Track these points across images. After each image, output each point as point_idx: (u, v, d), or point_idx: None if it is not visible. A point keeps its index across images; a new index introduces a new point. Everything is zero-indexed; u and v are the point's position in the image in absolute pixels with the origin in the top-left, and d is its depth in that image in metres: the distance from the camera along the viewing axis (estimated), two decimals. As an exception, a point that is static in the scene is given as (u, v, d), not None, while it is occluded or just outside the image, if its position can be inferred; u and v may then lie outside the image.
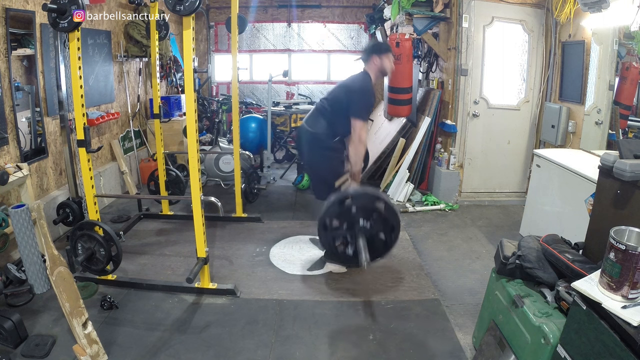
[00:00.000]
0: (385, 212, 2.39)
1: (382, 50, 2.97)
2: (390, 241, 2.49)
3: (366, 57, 2.97)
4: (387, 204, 2.40)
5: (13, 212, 2.37)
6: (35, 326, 2.39)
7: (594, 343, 1.36)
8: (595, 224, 1.89)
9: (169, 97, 5.52)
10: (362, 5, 7.07)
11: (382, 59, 2.94)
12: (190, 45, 2.40)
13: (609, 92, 3.44)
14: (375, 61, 2.94)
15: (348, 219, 2.41)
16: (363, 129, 2.83)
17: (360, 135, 2.82)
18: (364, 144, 2.88)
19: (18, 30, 3.17)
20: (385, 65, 2.97)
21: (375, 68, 2.96)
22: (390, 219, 2.41)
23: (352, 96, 2.85)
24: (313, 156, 3.03)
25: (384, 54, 2.95)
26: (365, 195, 2.41)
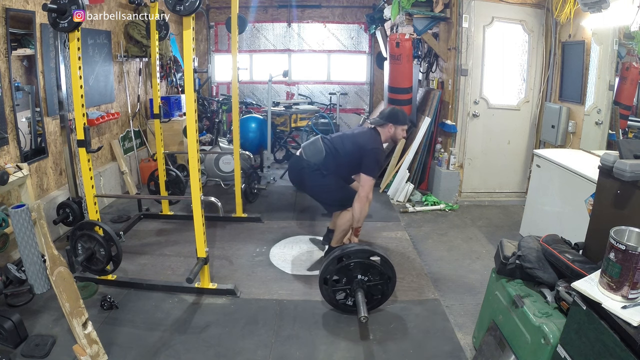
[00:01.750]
0: (381, 266, 2.51)
1: (400, 121, 3.08)
2: (387, 290, 2.59)
3: (382, 123, 3.07)
4: (382, 257, 2.52)
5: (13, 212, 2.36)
6: (35, 326, 2.39)
7: (594, 343, 1.36)
8: (595, 224, 1.89)
9: (169, 97, 5.52)
10: (362, 5, 7.07)
11: (397, 129, 3.08)
12: (190, 45, 2.40)
13: (609, 92, 3.44)
14: (390, 129, 3.08)
15: (346, 274, 2.53)
16: (371, 188, 2.98)
17: (368, 194, 2.97)
18: (369, 203, 3.10)
19: (18, 30, 3.17)
20: (397, 135, 3.12)
21: (388, 135, 3.10)
22: (386, 271, 2.52)
23: (368, 155, 2.95)
24: (313, 182, 3.08)
25: (401, 125, 3.09)
26: (361, 252, 2.52)
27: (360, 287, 2.49)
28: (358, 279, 2.51)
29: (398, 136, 3.13)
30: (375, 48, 7.04)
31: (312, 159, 3.02)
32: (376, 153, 2.99)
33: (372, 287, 2.54)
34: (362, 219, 3.05)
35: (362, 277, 2.52)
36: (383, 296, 2.60)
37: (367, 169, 2.94)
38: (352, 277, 2.52)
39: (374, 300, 2.60)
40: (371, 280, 2.53)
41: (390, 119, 3.05)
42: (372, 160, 2.95)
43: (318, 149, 3.03)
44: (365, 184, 2.94)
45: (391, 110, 3.12)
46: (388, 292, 2.60)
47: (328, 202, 3.20)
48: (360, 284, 2.50)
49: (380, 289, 2.56)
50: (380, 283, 2.54)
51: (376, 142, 3.04)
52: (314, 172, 3.02)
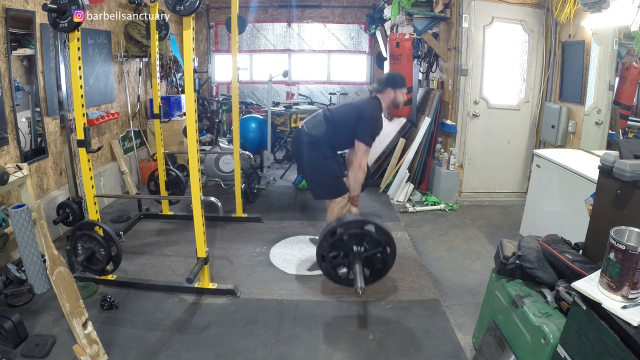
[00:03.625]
0: (377, 234, 2.47)
1: (398, 84, 3.03)
2: (387, 258, 2.55)
3: (381, 89, 3.03)
4: (376, 225, 2.47)
5: (13, 212, 2.36)
6: (35, 326, 2.39)
7: (594, 343, 1.36)
8: (595, 224, 1.89)
9: (169, 97, 5.52)
10: (362, 5, 7.08)
11: (396, 92, 3.02)
12: (190, 45, 2.40)
13: (609, 92, 3.44)
14: (389, 93, 3.02)
15: (342, 248, 2.50)
16: (365, 155, 2.93)
17: (362, 162, 2.92)
18: (364, 171, 2.98)
19: (18, 30, 3.17)
20: (398, 99, 3.05)
21: (389, 100, 3.04)
22: (382, 238, 2.48)
23: (363, 121, 2.91)
24: (310, 159, 3.05)
25: (399, 89, 3.02)
26: (353, 223, 2.48)
27: (358, 259, 2.42)
28: (355, 250, 2.44)
29: (399, 100, 3.06)
30: (375, 48, 7.04)
31: (313, 132, 2.99)
32: (373, 120, 2.93)
33: (371, 257, 2.47)
34: (358, 187, 3.00)
35: (359, 248, 2.45)
36: (385, 265, 2.53)
37: (361, 136, 2.89)
38: (348, 249, 2.46)
39: (376, 270, 2.53)
40: (368, 250, 2.46)
41: (389, 83, 3.01)
42: (368, 127, 2.90)
43: (319, 121, 3.02)
44: (358, 151, 2.88)
45: (389, 75, 3.08)
46: (389, 260, 2.52)
47: (319, 186, 3.12)
48: (358, 256, 2.43)
49: (380, 258, 2.49)
50: (379, 252, 2.47)
51: (375, 109, 2.98)
52: (316, 151, 2.98)
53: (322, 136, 2.96)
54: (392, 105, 3.09)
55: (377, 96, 3.05)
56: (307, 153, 3.03)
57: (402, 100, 3.08)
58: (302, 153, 3.08)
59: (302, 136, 3.04)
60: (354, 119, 2.94)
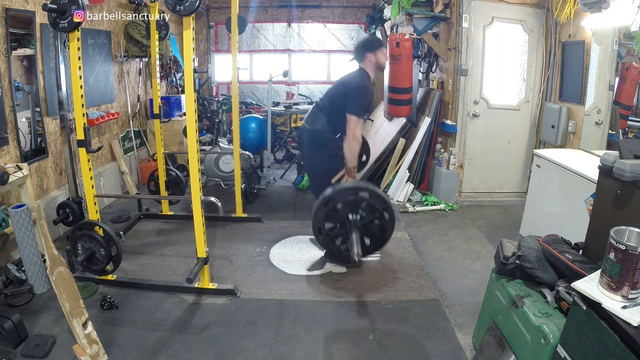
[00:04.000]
0: (372, 200, 2.34)
1: (375, 46, 2.92)
2: (385, 225, 2.43)
3: (360, 56, 2.94)
4: (371, 191, 2.35)
5: (13, 212, 2.36)
6: (35, 326, 2.39)
7: (594, 343, 1.36)
8: (595, 224, 1.89)
9: (169, 97, 5.52)
10: (362, 5, 7.07)
11: (376, 54, 2.91)
12: (190, 45, 2.40)
13: (609, 92, 3.44)
14: (370, 58, 2.91)
15: (337, 217, 2.38)
16: (358, 126, 2.79)
17: (355, 132, 2.78)
18: (358, 141, 2.83)
19: (18, 30, 3.17)
20: (380, 61, 2.93)
21: (371, 65, 2.93)
22: (378, 204, 2.35)
23: (350, 92, 2.84)
24: (314, 155, 3.03)
25: (378, 50, 2.91)
26: (346, 190, 2.36)
27: (355, 227, 2.32)
28: (350, 219, 2.35)
29: (381, 62, 2.93)
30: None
31: (314, 126, 2.97)
32: (361, 90, 2.83)
33: (369, 225, 2.37)
34: (354, 158, 2.85)
35: (354, 216, 2.35)
36: (384, 233, 2.43)
37: (351, 107, 2.79)
38: (343, 218, 2.36)
39: (378, 239, 2.44)
40: (365, 217, 2.35)
41: (365, 49, 2.91)
42: (356, 97, 2.80)
43: (315, 114, 3.00)
44: (350, 123, 2.77)
45: (362, 40, 2.97)
46: (387, 227, 2.41)
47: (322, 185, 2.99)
48: (354, 224, 2.33)
49: (378, 225, 2.39)
50: (376, 218, 2.37)
51: (362, 79, 2.88)
52: (321, 149, 2.93)
53: (324, 127, 2.91)
54: (378, 69, 2.97)
55: (360, 66, 2.95)
56: (312, 151, 3.02)
57: (385, 60, 2.96)
58: (305, 151, 3.08)
59: (305, 134, 3.03)
60: (342, 94, 2.86)
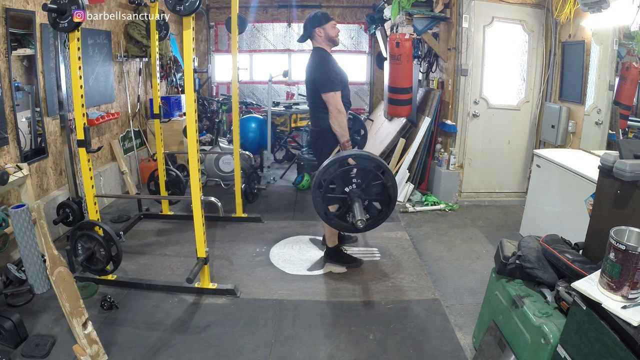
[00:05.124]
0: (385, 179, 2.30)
1: (322, 20, 2.86)
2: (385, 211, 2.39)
3: (309, 33, 2.90)
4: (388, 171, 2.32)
5: (13, 212, 2.37)
6: (35, 326, 2.39)
7: (594, 343, 1.36)
8: (595, 224, 1.89)
9: (169, 97, 5.52)
10: (362, 5, 7.07)
11: (325, 29, 2.85)
12: (190, 45, 2.40)
13: (609, 92, 3.44)
14: (319, 33, 2.86)
15: (345, 180, 2.32)
16: (336, 99, 2.75)
17: (337, 105, 2.74)
18: (343, 113, 2.78)
19: (18, 30, 3.17)
20: (331, 34, 2.87)
21: (322, 39, 2.88)
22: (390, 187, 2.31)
23: (315, 74, 2.81)
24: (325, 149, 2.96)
25: (326, 24, 2.86)
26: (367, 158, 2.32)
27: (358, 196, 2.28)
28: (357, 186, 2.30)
29: (332, 34, 2.87)
30: (375, 48, 7.03)
31: (316, 127, 2.99)
32: (322, 66, 2.79)
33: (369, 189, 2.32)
34: (345, 132, 2.78)
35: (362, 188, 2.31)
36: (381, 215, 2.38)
37: (322, 86, 2.75)
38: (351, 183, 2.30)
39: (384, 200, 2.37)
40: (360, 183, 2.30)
41: (313, 24, 2.85)
42: (321, 74, 2.76)
43: (311, 114, 3.03)
44: (328, 100, 2.74)
45: (308, 17, 2.91)
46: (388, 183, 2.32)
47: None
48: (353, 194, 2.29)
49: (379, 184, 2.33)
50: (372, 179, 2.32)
51: (320, 56, 2.84)
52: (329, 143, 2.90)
53: (322, 120, 2.88)
54: (330, 42, 2.91)
55: (314, 45, 2.92)
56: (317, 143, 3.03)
57: (335, 33, 2.89)
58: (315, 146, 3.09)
59: (312, 135, 3.07)
60: (311, 80, 2.85)
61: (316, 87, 2.82)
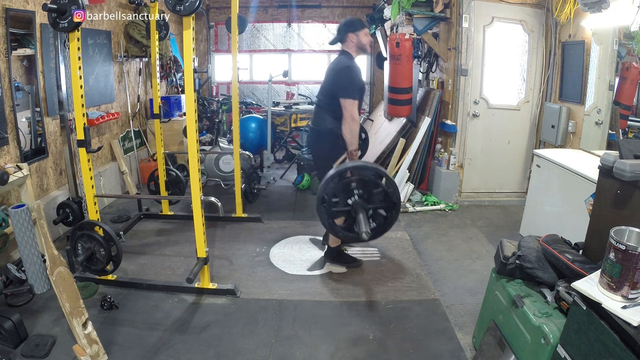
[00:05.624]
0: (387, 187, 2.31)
1: (357, 26, 2.88)
2: (390, 217, 2.37)
3: (342, 37, 2.91)
4: (388, 178, 2.33)
5: (13, 212, 2.37)
6: (35, 326, 2.39)
7: (594, 343, 1.36)
8: (595, 224, 1.89)
9: (169, 97, 5.52)
10: (362, 5, 7.07)
11: (358, 35, 2.87)
12: (190, 45, 2.40)
13: (609, 92, 3.44)
14: (352, 39, 2.88)
15: (347, 192, 2.31)
16: (354, 107, 2.77)
17: (352, 113, 2.76)
18: (357, 122, 2.81)
19: (18, 30, 3.17)
20: (362, 41, 2.89)
21: (354, 46, 2.90)
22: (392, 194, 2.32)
23: (337, 77, 2.82)
24: (321, 151, 2.99)
25: (360, 30, 2.87)
26: (366, 168, 2.33)
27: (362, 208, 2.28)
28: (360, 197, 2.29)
29: (363, 42, 2.89)
30: (375, 48, 7.03)
31: (319, 126, 2.96)
32: (347, 71, 2.80)
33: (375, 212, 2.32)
34: (355, 140, 2.81)
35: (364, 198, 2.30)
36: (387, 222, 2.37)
37: (342, 91, 2.76)
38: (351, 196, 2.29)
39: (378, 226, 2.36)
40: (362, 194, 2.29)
41: (347, 29, 2.86)
42: (344, 80, 2.78)
43: (317, 112, 3.01)
44: (345, 105, 2.74)
45: (344, 21, 2.93)
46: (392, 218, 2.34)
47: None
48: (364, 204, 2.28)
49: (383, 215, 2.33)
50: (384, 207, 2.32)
51: (346, 61, 2.85)
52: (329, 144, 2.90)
53: (332, 124, 2.86)
54: (360, 50, 2.92)
55: (343, 48, 2.93)
56: (319, 148, 3.02)
57: (367, 41, 2.92)
58: (314, 149, 3.09)
59: (312, 133, 3.05)
60: (332, 82, 2.85)
61: (335, 89, 2.82)
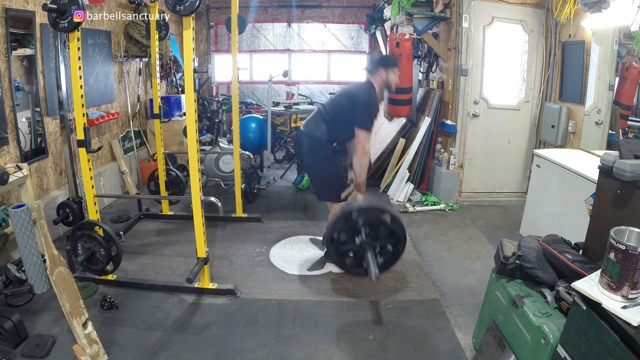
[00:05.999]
0: (392, 224, 2.39)
1: (390, 64, 2.96)
2: (397, 252, 2.47)
3: (373, 69, 2.97)
4: (393, 216, 2.39)
5: (13, 212, 2.37)
6: (35, 326, 2.39)
7: (594, 343, 1.36)
8: (595, 224, 1.89)
9: (169, 97, 5.52)
10: (362, 5, 7.08)
11: (388, 73, 2.95)
12: (190, 45, 2.40)
13: (609, 92, 3.44)
14: (381, 74, 2.95)
15: (355, 232, 2.42)
16: (367, 140, 2.84)
17: (365, 146, 2.83)
18: (368, 155, 2.89)
19: (18, 30, 3.17)
20: (390, 80, 2.97)
21: (381, 81, 2.96)
22: (397, 230, 2.41)
23: (357, 106, 2.85)
24: (313, 160, 3.03)
25: (391, 69, 2.95)
26: (371, 209, 2.41)
27: (371, 246, 2.37)
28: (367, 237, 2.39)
29: (391, 81, 2.97)
30: (375, 48, 7.04)
31: (314, 132, 2.96)
32: (368, 104, 2.86)
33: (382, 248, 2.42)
34: (364, 173, 2.88)
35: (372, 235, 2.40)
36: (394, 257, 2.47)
37: (359, 121, 2.81)
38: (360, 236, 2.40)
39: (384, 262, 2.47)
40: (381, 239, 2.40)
41: (381, 63, 2.93)
42: (363, 111, 2.83)
43: (317, 120, 2.99)
44: (360, 137, 2.80)
45: (380, 55, 2.99)
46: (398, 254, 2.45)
47: (323, 187, 3.08)
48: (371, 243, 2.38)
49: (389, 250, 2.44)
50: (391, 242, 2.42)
51: (368, 92, 2.92)
52: (319, 152, 2.94)
53: (323, 135, 2.92)
54: (385, 86, 3.00)
55: (369, 78, 2.98)
56: (310, 155, 3.01)
57: (395, 81, 2.99)
58: (304, 155, 3.06)
59: (303, 138, 3.02)
60: (348, 107, 2.88)
61: (352, 116, 2.85)
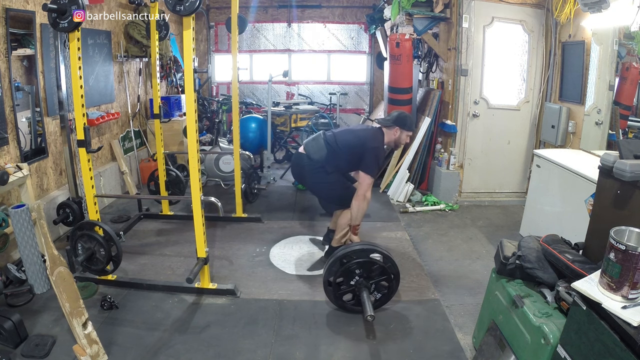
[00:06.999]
0: (383, 262, 2.50)
1: (407, 126, 3.08)
2: (392, 287, 2.58)
3: (389, 124, 3.06)
4: (384, 255, 2.51)
5: (13, 212, 2.37)
6: (35, 326, 2.39)
7: (594, 343, 1.36)
8: (595, 224, 1.89)
9: (169, 97, 5.52)
10: (362, 6, 7.07)
11: (402, 132, 3.07)
12: (190, 45, 2.40)
13: (609, 92, 3.44)
14: (395, 132, 3.07)
15: (349, 275, 2.52)
16: (370, 186, 2.97)
17: (366, 193, 2.96)
18: (368, 202, 3.01)
19: (18, 30, 3.17)
20: (401, 140, 3.11)
21: (393, 137, 3.09)
22: (389, 268, 2.52)
23: (368, 152, 2.95)
24: (315, 181, 3.10)
25: (406, 131, 3.08)
26: (362, 251, 2.51)
27: (365, 287, 2.49)
28: (361, 277, 2.51)
29: (401, 141, 3.12)
30: (375, 48, 7.04)
31: (314, 156, 3.02)
32: (377, 152, 2.99)
33: (377, 285, 2.54)
34: (361, 217, 3.04)
35: (365, 276, 2.51)
36: (389, 292, 2.60)
37: (366, 167, 2.95)
38: (354, 277, 2.52)
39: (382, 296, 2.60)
40: (374, 278, 2.52)
41: (398, 122, 3.05)
42: (372, 158, 2.96)
43: (320, 145, 3.03)
44: (363, 181, 2.94)
45: (400, 114, 3.11)
46: (393, 289, 2.59)
47: (329, 200, 3.20)
48: (365, 283, 2.50)
49: (384, 286, 2.56)
50: (384, 279, 2.54)
51: (379, 141, 3.04)
52: (317, 170, 3.02)
53: (323, 160, 3.00)
54: (394, 143, 3.14)
55: (383, 129, 3.09)
56: (309, 175, 3.08)
57: (404, 141, 3.14)
58: (304, 176, 3.14)
59: (303, 160, 3.08)
60: (357, 149, 2.98)
61: (358, 156, 2.98)
